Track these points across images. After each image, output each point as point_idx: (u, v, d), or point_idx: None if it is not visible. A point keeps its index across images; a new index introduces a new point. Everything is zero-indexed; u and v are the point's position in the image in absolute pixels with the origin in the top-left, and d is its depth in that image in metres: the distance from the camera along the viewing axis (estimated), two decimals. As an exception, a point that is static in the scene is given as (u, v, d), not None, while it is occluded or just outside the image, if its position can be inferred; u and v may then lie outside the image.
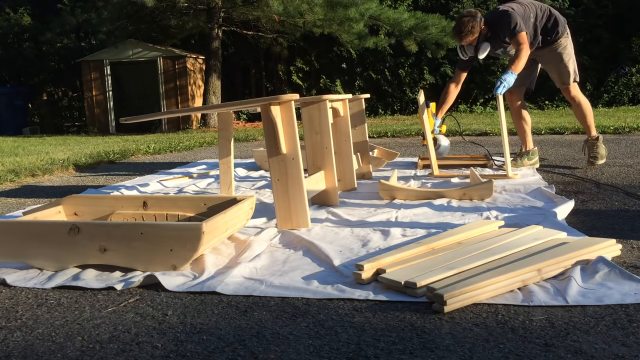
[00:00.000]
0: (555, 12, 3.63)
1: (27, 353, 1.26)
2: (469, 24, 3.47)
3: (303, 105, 2.69)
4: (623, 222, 2.25)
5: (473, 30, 3.49)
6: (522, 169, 3.76)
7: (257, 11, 9.94)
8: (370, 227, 2.28)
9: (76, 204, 2.29)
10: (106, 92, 11.77)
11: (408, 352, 1.20)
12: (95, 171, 4.72)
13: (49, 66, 14.63)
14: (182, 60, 11.55)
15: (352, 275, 1.66)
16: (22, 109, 12.98)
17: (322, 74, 13.31)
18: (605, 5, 12.13)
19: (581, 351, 1.18)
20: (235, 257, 1.92)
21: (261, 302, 1.52)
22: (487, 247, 1.79)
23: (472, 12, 3.55)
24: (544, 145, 5.31)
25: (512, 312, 1.40)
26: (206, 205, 2.22)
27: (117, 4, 10.14)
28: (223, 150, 3.02)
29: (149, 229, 1.76)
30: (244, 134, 7.94)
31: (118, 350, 1.26)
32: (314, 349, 1.24)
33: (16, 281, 1.74)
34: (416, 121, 9.83)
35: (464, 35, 3.51)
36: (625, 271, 1.59)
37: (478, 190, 2.79)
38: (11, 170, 4.38)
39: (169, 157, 5.72)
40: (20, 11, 14.48)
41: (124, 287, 1.66)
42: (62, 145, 7.67)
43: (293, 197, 2.28)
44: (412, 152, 5.22)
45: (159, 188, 3.55)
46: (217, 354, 1.23)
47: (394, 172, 3.33)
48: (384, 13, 10.61)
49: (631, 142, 5.26)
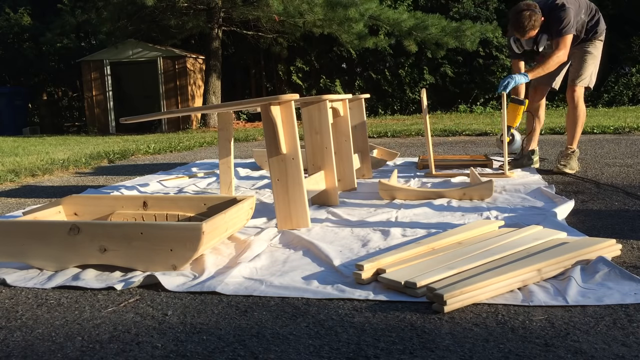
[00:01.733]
0: (600, 14, 3.53)
1: (27, 353, 1.26)
2: (532, 17, 3.28)
3: (303, 105, 2.69)
4: (623, 222, 2.25)
5: (535, 25, 3.31)
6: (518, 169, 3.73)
7: (257, 11, 9.94)
8: (370, 227, 2.28)
9: (76, 204, 2.29)
10: (106, 92, 11.77)
11: (408, 352, 1.20)
12: (95, 171, 4.72)
13: (49, 66, 14.63)
14: (182, 60, 11.55)
15: (352, 275, 1.66)
16: (22, 109, 12.98)
17: (322, 74, 13.31)
18: (606, 5, 12.13)
19: (581, 351, 1.18)
20: (235, 257, 1.92)
21: (261, 302, 1.52)
22: (487, 247, 1.79)
23: (531, 5, 3.32)
24: (544, 145, 5.31)
25: (512, 312, 1.40)
26: (206, 205, 2.22)
27: (117, 4, 10.14)
28: (223, 150, 3.02)
29: (149, 229, 1.76)
30: (244, 134, 7.94)
31: (118, 350, 1.26)
32: (314, 349, 1.24)
33: (16, 281, 1.74)
34: (416, 121, 9.83)
35: (527, 30, 3.32)
36: (625, 271, 1.59)
37: (478, 190, 2.79)
38: (11, 170, 4.38)
39: (169, 157, 5.72)
40: (20, 11, 14.48)
41: (124, 287, 1.66)
42: (62, 145, 7.67)
43: (293, 197, 2.28)
44: (412, 152, 5.22)
45: (159, 188, 3.55)
46: (217, 354, 1.23)
47: (394, 172, 3.33)
48: (383, 13, 10.61)
49: (631, 142, 5.26)
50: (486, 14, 12.75)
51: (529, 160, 3.85)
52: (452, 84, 12.79)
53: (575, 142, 3.62)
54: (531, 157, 3.87)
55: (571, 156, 3.60)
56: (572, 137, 3.62)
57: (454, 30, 10.73)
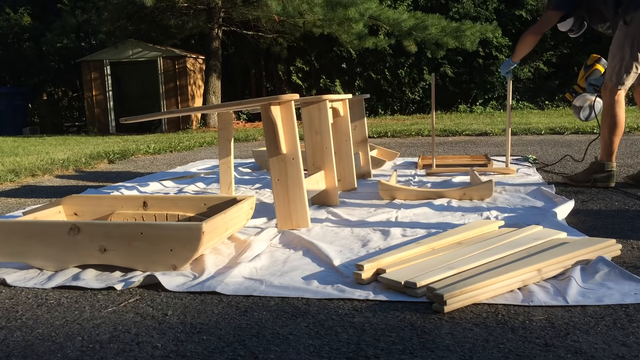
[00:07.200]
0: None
1: (27, 353, 1.26)
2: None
3: (303, 105, 2.69)
4: (623, 222, 2.25)
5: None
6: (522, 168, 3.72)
7: (257, 11, 9.94)
8: (370, 227, 2.28)
9: (76, 204, 2.29)
10: (106, 92, 11.76)
11: (408, 352, 1.20)
12: (95, 171, 4.72)
13: (49, 66, 14.63)
14: (182, 60, 11.55)
15: (352, 275, 1.66)
16: (22, 109, 12.97)
17: (322, 74, 13.31)
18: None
19: (581, 351, 1.18)
20: (235, 257, 1.92)
21: (261, 302, 1.52)
22: (487, 247, 1.79)
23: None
24: (544, 145, 5.31)
25: (512, 312, 1.40)
26: (206, 205, 2.22)
27: (117, 4, 10.14)
28: (223, 150, 3.02)
29: (149, 229, 1.76)
30: (244, 134, 7.94)
31: (118, 350, 1.26)
32: (314, 349, 1.24)
33: (16, 281, 1.74)
34: (416, 121, 9.83)
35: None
36: (625, 271, 1.59)
37: (478, 190, 2.79)
38: (11, 170, 4.38)
39: (169, 157, 5.72)
40: (20, 11, 14.47)
41: (124, 287, 1.66)
42: (62, 145, 7.67)
43: (293, 197, 2.28)
44: (412, 152, 5.22)
45: (159, 188, 3.55)
46: (217, 354, 1.23)
47: (394, 172, 3.33)
48: (383, 13, 10.60)
49: (631, 142, 5.26)
50: (486, 14, 12.74)
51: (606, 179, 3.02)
52: (452, 84, 12.79)
53: (604, 153, 3.00)
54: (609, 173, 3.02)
55: (599, 172, 3.02)
56: (602, 146, 3.03)
57: (454, 30, 10.73)
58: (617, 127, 2.95)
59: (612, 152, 2.98)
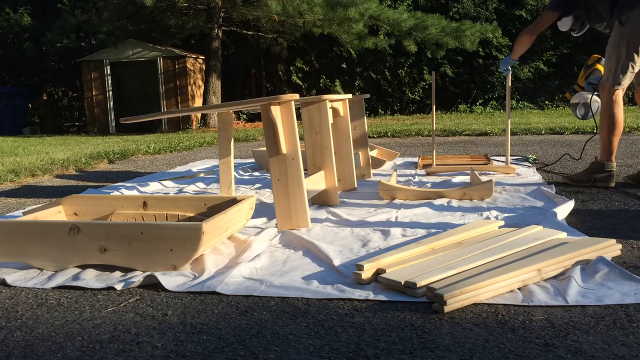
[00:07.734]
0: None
1: (27, 353, 1.26)
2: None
3: (303, 105, 2.69)
4: (623, 222, 2.25)
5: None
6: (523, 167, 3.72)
7: (257, 11, 9.94)
8: (370, 227, 2.28)
9: (76, 204, 2.29)
10: (106, 92, 11.76)
11: (408, 352, 1.20)
12: (95, 171, 4.72)
13: (49, 66, 14.62)
14: (182, 60, 11.54)
15: (352, 275, 1.66)
16: (22, 109, 12.97)
17: (322, 74, 13.31)
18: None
19: (581, 351, 1.18)
20: (235, 257, 1.92)
21: (261, 302, 1.52)
22: (487, 247, 1.79)
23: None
24: (544, 145, 5.31)
25: (512, 312, 1.40)
26: (206, 205, 2.22)
27: (117, 4, 10.14)
28: (223, 150, 3.02)
29: (149, 229, 1.76)
30: (244, 134, 7.94)
31: (118, 350, 1.26)
32: (314, 349, 1.24)
33: (16, 281, 1.74)
34: (416, 121, 9.83)
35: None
36: (625, 271, 1.59)
37: (478, 190, 2.79)
38: (11, 170, 4.38)
39: (169, 157, 5.72)
40: (20, 11, 14.47)
41: (124, 287, 1.66)
42: (62, 145, 7.67)
43: (293, 197, 2.28)
44: (412, 152, 5.22)
45: (159, 188, 3.55)
46: (217, 354, 1.23)
47: (394, 172, 3.33)
48: (383, 13, 10.60)
49: (631, 142, 5.26)
50: (486, 14, 12.74)
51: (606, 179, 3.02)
52: (452, 84, 12.79)
53: (603, 153, 3.00)
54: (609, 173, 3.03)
55: (599, 172, 3.02)
56: (601, 146, 3.03)
57: (454, 30, 10.72)
58: (616, 127, 2.96)
59: (612, 152, 2.99)
